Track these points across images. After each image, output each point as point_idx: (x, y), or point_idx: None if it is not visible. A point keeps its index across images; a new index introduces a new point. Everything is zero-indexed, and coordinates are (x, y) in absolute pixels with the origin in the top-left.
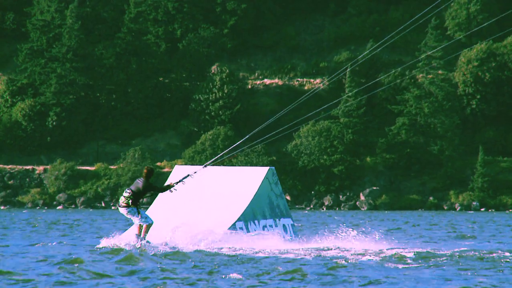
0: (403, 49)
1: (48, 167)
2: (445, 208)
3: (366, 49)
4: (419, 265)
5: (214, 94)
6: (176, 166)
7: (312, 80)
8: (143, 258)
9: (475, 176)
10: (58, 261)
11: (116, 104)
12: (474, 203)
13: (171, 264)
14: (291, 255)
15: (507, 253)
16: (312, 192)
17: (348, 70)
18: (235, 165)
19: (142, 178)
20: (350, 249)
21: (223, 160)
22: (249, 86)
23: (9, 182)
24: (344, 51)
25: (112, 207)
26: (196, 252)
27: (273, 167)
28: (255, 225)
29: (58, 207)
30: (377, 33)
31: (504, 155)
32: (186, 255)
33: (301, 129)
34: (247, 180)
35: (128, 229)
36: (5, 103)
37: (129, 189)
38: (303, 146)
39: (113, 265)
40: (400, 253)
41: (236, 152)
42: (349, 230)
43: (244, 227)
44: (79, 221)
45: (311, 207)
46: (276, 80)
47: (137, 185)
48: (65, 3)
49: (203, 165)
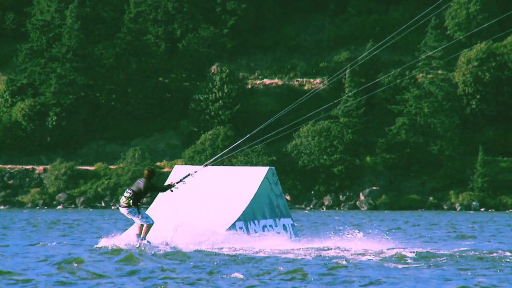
0: (403, 49)
1: (48, 167)
2: (445, 208)
3: (366, 49)
4: (419, 265)
5: (214, 94)
6: (176, 166)
7: (312, 80)
8: (143, 258)
9: (475, 176)
10: (58, 261)
11: (116, 104)
12: (474, 203)
13: (171, 264)
14: (292, 255)
15: (507, 253)
16: (312, 192)
17: (347, 67)
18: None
19: (143, 179)
20: (350, 249)
21: (223, 160)
22: (249, 86)
23: (9, 182)
24: (344, 51)
25: (112, 207)
26: (197, 252)
27: (273, 167)
28: (255, 225)
29: (58, 207)
30: (377, 33)
31: (504, 155)
32: (186, 255)
33: (301, 129)
34: (247, 180)
35: (128, 229)
36: (5, 103)
37: (130, 189)
38: (303, 146)
39: (113, 265)
40: (400, 253)
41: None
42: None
43: (244, 227)
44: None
45: (311, 207)
46: (276, 80)
47: (138, 185)
48: (65, 3)
49: (204, 164)
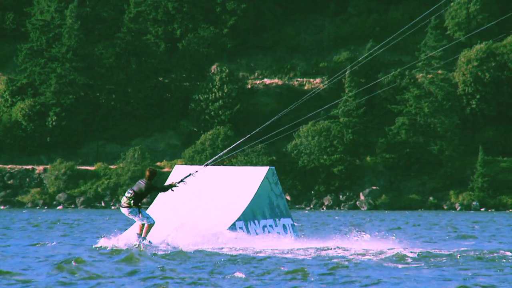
0: (403, 49)
1: (48, 167)
2: (445, 208)
3: (366, 49)
4: (419, 265)
5: (213, 94)
6: (176, 166)
7: (312, 80)
8: (143, 258)
9: (475, 176)
10: (58, 261)
11: (116, 104)
12: (474, 203)
13: (171, 264)
14: (293, 255)
15: (507, 252)
16: (312, 192)
17: (348, 68)
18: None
19: (144, 179)
20: (350, 249)
21: (223, 160)
22: (249, 86)
23: (9, 182)
24: (344, 51)
25: (112, 207)
26: (197, 252)
27: (273, 167)
28: (255, 225)
29: (58, 207)
30: (377, 33)
31: (504, 155)
32: (187, 255)
33: (300, 129)
34: (247, 180)
35: (128, 229)
36: (5, 103)
37: (131, 190)
38: (303, 146)
39: (113, 265)
40: (400, 253)
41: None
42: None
43: (244, 227)
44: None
45: (311, 207)
46: (276, 80)
47: (139, 186)
48: (65, 3)
49: (204, 164)
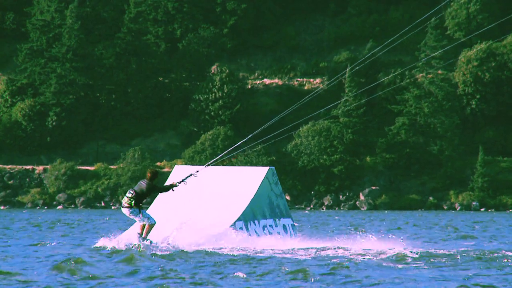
0: (403, 49)
1: (48, 167)
2: (445, 208)
3: (366, 49)
4: (419, 265)
5: (214, 94)
6: (176, 166)
7: (312, 80)
8: (143, 258)
9: (475, 176)
10: (58, 261)
11: (116, 104)
12: (474, 203)
13: (171, 264)
14: (294, 255)
15: (508, 252)
16: (312, 192)
17: (348, 69)
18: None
19: (145, 180)
20: (351, 249)
21: (223, 160)
22: (249, 86)
23: (9, 182)
24: (344, 51)
25: (112, 207)
26: (197, 252)
27: (273, 167)
28: (255, 225)
29: (58, 207)
30: (377, 33)
31: (504, 155)
32: (187, 255)
33: (300, 129)
34: (247, 180)
35: (128, 229)
36: (5, 103)
37: (132, 190)
38: (303, 146)
39: (113, 265)
40: (400, 253)
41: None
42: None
43: (244, 227)
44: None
45: (311, 207)
46: (276, 80)
47: (141, 186)
48: (65, 3)
49: (205, 164)
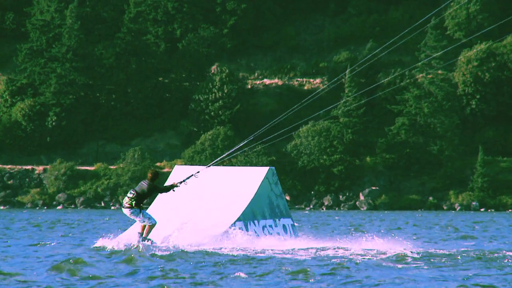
0: (402, 49)
1: (48, 167)
2: (445, 208)
3: (366, 49)
4: (419, 265)
5: (213, 94)
6: (176, 166)
7: (311, 80)
8: (143, 258)
9: (475, 176)
10: (58, 261)
11: (116, 104)
12: (474, 203)
13: (171, 264)
14: (294, 255)
15: (508, 253)
16: (312, 192)
17: (348, 71)
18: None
19: (146, 180)
20: (351, 249)
21: (223, 160)
22: (249, 86)
23: (9, 182)
24: (344, 51)
25: (112, 207)
26: (197, 252)
27: (273, 167)
28: (254, 225)
29: (58, 207)
30: (377, 33)
31: (504, 155)
32: (187, 255)
33: (300, 129)
34: (247, 180)
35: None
36: (4, 103)
37: (133, 190)
38: (302, 146)
39: (113, 265)
40: (400, 253)
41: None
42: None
43: (243, 227)
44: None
45: (311, 207)
46: (276, 80)
47: (142, 187)
48: (65, 3)
49: (207, 165)
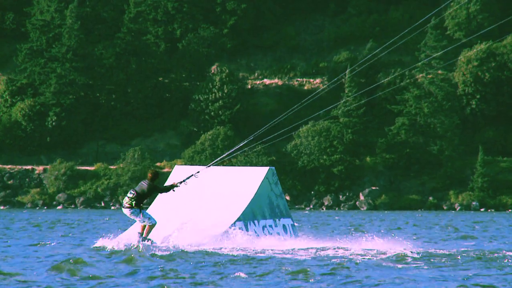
0: (402, 49)
1: (48, 167)
2: (445, 208)
3: (366, 49)
4: (419, 265)
5: (213, 94)
6: (176, 166)
7: (311, 80)
8: (143, 259)
9: (475, 176)
10: (58, 261)
11: (116, 104)
12: (474, 203)
13: (171, 264)
14: (294, 255)
15: (508, 253)
16: (312, 192)
17: (348, 71)
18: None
19: (147, 180)
20: (351, 249)
21: (223, 160)
22: (249, 86)
23: (9, 182)
24: (344, 51)
25: (112, 207)
26: (197, 252)
27: (273, 167)
28: (254, 225)
29: (58, 207)
30: (377, 33)
31: (504, 155)
32: (187, 255)
33: (300, 129)
34: (247, 180)
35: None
36: (4, 103)
37: (133, 190)
38: (302, 146)
39: (113, 265)
40: (400, 253)
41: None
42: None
43: (243, 227)
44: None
45: (311, 207)
46: (276, 80)
47: (142, 187)
48: (65, 3)
49: (207, 165)
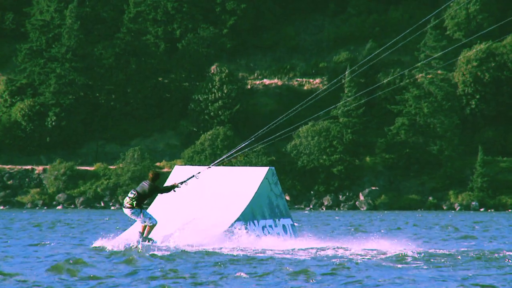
0: (402, 49)
1: (48, 167)
2: (445, 208)
3: (365, 49)
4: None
5: (213, 94)
6: (176, 167)
7: (311, 80)
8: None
9: (475, 176)
10: (58, 261)
11: (116, 104)
12: (474, 203)
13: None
14: (294, 255)
15: (507, 252)
16: (312, 192)
17: (347, 72)
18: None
19: (148, 181)
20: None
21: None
22: (249, 86)
23: (9, 182)
24: (344, 51)
25: (112, 207)
26: (197, 252)
27: (273, 167)
28: (254, 225)
29: (58, 207)
30: (376, 33)
31: (504, 155)
32: (187, 255)
33: (300, 129)
34: (246, 180)
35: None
36: (4, 103)
37: (134, 191)
38: (302, 146)
39: (113, 265)
40: (401, 253)
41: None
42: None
43: (243, 228)
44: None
45: (311, 207)
46: (276, 80)
47: (143, 187)
48: (64, 3)
49: (207, 165)
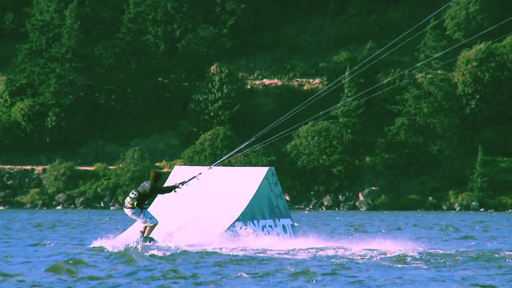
0: (402, 49)
1: (47, 167)
2: (444, 208)
3: (365, 49)
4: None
5: (213, 94)
6: (175, 167)
7: (311, 80)
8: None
9: (474, 176)
10: (58, 261)
11: (115, 104)
12: (473, 203)
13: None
14: (295, 255)
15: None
16: (311, 192)
17: (348, 73)
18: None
19: (149, 181)
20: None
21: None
22: (248, 86)
23: (8, 182)
24: (344, 51)
25: (112, 208)
26: (197, 252)
27: (272, 167)
28: (254, 225)
29: (57, 208)
30: (376, 33)
31: (504, 155)
32: (187, 255)
33: (300, 129)
34: (246, 180)
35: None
36: (4, 103)
37: (135, 191)
38: (302, 146)
39: (113, 265)
40: (401, 253)
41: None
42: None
43: (243, 228)
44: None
45: (310, 207)
46: (275, 81)
47: (144, 187)
48: (64, 3)
49: (207, 166)
